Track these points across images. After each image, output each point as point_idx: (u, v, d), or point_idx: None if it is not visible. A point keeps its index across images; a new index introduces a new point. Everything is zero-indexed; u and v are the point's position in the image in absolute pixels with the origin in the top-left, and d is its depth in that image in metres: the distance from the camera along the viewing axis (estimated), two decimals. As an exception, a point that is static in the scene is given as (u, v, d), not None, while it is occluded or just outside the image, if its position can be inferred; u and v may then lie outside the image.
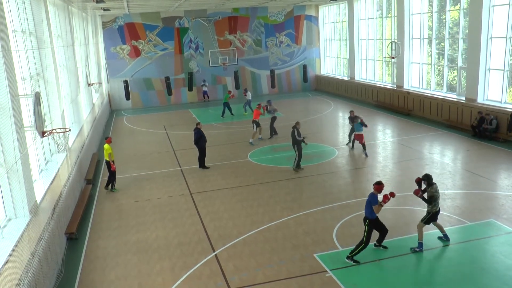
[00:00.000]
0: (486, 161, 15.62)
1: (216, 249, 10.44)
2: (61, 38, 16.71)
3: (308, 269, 9.29)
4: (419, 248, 9.68)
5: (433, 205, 9.61)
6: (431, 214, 9.69)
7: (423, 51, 24.52)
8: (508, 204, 11.86)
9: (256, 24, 34.36)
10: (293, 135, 15.62)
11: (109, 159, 14.61)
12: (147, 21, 32.13)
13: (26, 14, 11.06)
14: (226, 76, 34.03)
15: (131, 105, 32.80)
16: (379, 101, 27.51)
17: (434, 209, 9.63)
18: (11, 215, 8.59)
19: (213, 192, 14.38)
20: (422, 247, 9.68)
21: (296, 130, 15.56)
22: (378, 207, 9.18)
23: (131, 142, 22.22)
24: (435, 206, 9.63)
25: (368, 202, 9.28)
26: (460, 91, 21.88)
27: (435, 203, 9.62)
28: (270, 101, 21.28)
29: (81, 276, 9.79)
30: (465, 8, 21.14)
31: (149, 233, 11.64)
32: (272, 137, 20.66)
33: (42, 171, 11.48)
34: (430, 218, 9.73)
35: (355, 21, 30.65)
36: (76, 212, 12.87)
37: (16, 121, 8.56)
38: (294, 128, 15.62)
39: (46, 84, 12.75)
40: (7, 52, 8.63)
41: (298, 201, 13.02)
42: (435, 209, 9.65)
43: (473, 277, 8.74)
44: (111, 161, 14.62)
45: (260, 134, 20.52)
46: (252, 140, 19.94)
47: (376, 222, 9.42)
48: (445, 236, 9.99)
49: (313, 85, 36.45)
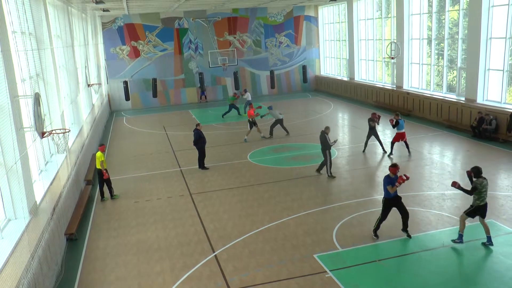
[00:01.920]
0: (485, 162, 15.61)
1: (216, 250, 10.43)
2: (60, 39, 16.70)
3: (308, 270, 9.29)
4: (459, 240, 9.76)
5: (476, 198, 9.55)
6: (474, 208, 9.63)
7: (422, 52, 24.53)
8: (508, 205, 11.86)
9: (256, 25, 34.38)
10: (324, 140, 14.87)
11: (101, 167, 14.05)
12: (147, 22, 32.14)
13: (25, 15, 11.05)
14: (226, 77, 34.04)
15: (130, 106, 32.80)
16: (379, 101, 27.52)
17: (477, 203, 9.56)
18: (11, 216, 8.58)
19: (213, 192, 14.38)
20: (461, 239, 9.76)
21: (327, 136, 14.89)
22: (392, 188, 9.92)
23: (131, 143, 22.22)
24: (479, 199, 9.53)
25: (384, 183, 10.11)
26: (460, 91, 21.88)
27: (478, 197, 9.51)
28: (271, 107, 21.28)
29: (81, 276, 9.78)
30: (464, 8, 21.15)
31: (149, 233, 11.63)
32: (271, 137, 20.68)
33: (41, 171, 11.47)
34: (472, 211, 9.68)
35: (355, 21, 30.66)
36: (76, 213, 12.87)
37: (16, 122, 8.55)
38: (325, 133, 14.91)
39: (46, 84, 12.75)
40: (6, 53, 8.62)
41: (298, 202, 13.01)
42: (478, 203, 9.55)
43: (473, 277, 8.74)
44: (103, 170, 14.06)
45: (260, 132, 20.68)
46: (246, 137, 20.56)
47: (391, 201, 10.15)
48: (488, 240, 9.69)
49: (313, 86, 36.47)
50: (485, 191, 9.56)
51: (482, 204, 9.61)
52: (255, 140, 20.52)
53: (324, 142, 14.96)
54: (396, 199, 10.23)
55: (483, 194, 9.54)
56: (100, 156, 14.13)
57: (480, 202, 9.58)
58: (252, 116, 20.36)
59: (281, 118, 20.84)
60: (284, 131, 21.15)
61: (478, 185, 9.48)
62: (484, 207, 9.66)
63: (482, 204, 9.61)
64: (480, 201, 9.58)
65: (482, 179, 9.54)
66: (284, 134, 21.09)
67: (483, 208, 9.66)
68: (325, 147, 14.92)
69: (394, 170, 10.06)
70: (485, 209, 9.67)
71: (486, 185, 9.57)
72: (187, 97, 33.70)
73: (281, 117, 20.90)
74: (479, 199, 9.56)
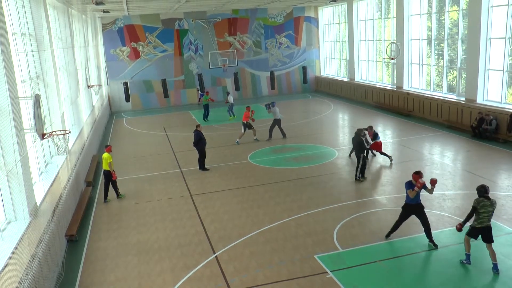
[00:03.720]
0: (486, 162, 15.62)
1: (217, 251, 10.43)
2: (60, 40, 16.72)
3: (309, 270, 9.29)
4: (466, 261, 9.15)
5: (475, 218, 8.76)
6: (471, 228, 8.91)
7: (422, 52, 24.54)
8: (508, 205, 11.86)
9: (256, 26, 34.39)
10: (360, 142, 14.41)
11: (109, 169, 14.07)
12: (147, 23, 32.16)
13: (25, 16, 11.06)
14: (226, 78, 34.05)
15: (131, 107, 32.81)
16: (379, 102, 27.52)
17: (475, 224, 8.78)
18: (11, 218, 8.58)
19: (213, 193, 14.38)
20: (469, 259, 9.13)
21: (365, 139, 14.51)
22: (411, 192, 9.80)
23: (131, 144, 22.22)
24: (477, 220, 8.73)
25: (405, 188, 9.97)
26: (460, 91, 21.89)
27: (477, 217, 8.71)
28: (274, 103, 21.07)
29: (81, 278, 9.79)
30: (464, 9, 21.16)
31: (149, 234, 11.63)
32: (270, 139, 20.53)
33: (42, 173, 11.47)
34: (471, 232, 8.92)
35: (355, 22, 30.67)
36: (76, 214, 12.87)
37: (16, 124, 8.56)
38: (363, 136, 14.45)
39: (46, 86, 12.76)
40: (7, 54, 8.63)
41: (299, 202, 13.01)
42: (475, 224, 8.77)
43: (474, 277, 8.74)
44: (111, 170, 14.11)
45: (255, 135, 20.58)
46: (238, 139, 20.47)
47: (410, 207, 9.98)
48: (494, 267, 8.76)
49: (313, 86, 36.47)
50: (485, 213, 8.64)
51: (480, 227, 8.73)
52: (255, 141, 20.50)
53: (361, 145, 14.42)
54: (418, 207, 9.95)
55: (481, 216, 8.67)
56: (107, 157, 14.08)
57: (477, 224, 8.74)
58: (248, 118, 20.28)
59: (279, 118, 20.61)
60: (280, 133, 20.74)
61: (476, 205, 8.70)
62: (484, 230, 8.75)
63: (479, 226, 8.73)
64: (477, 222, 8.73)
65: (483, 199, 8.65)
66: (281, 136, 20.70)
67: (484, 230, 8.75)
68: (361, 150, 14.41)
69: (415, 177, 9.81)
70: (488, 232, 8.75)
71: (489, 207, 8.62)
72: (187, 98, 33.70)
73: (280, 116, 20.69)
74: (477, 220, 8.73)
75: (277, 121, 20.60)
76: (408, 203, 9.98)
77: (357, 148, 14.59)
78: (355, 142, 14.67)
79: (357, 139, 14.53)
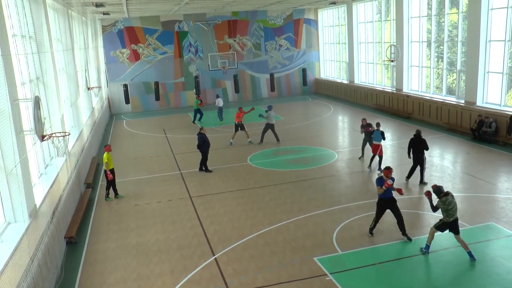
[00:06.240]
0: (485, 164, 15.62)
1: (216, 253, 10.43)
2: (60, 42, 16.74)
3: (308, 273, 9.28)
4: (425, 250, 9.67)
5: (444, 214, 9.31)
6: (442, 223, 9.43)
7: (422, 54, 24.56)
8: (508, 207, 11.85)
9: (256, 28, 34.43)
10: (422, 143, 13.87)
11: (106, 168, 14.27)
12: (147, 25, 32.20)
13: (26, 19, 11.08)
14: (226, 80, 34.08)
15: (130, 109, 32.82)
16: (379, 104, 27.54)
17: (446, 219, 9.32)
18: (11, 219, 8.58)
19: (213, 195, 14.38)
20: (428, 249, 9.67)
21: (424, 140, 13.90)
22: (379, 189, 10.18)
23: (130, 145, 22.22)
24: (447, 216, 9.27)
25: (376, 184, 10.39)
26: (460, 94, 21.91)
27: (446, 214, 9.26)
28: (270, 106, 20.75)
29: (81, 279, 9.78)
30: (463, 11, 21.20)
31: (148, 236, 11.62)
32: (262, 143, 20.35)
33: (41, 175, 11.47)
34: (440, 226, 9.47)
35: (354, 24, 30.71)
36: (76, 216, 12.86)
37: (16, 125, 8.56)
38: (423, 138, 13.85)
39: (46, 88, 12.76)
40: (7, 56, 8.64)
41: (298, 204, 13.01)
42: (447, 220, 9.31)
43: (473, 280, 8.73)
44: (108, 170, 14.23)
45: (248, 137, 20.54)
46: (232, 140, 20.66)
47: (384, 202, 10.32)
48: (469, 255, 9.32)
49: (313, 89, 36.49)
50: (452, 207, 9.22)
51: (451, 220, 9.30)
52: (255, 143, 20.50)
53: (425, 145, 13.88)
54: (390, 201, 10.30)
55: (450, 211, 9.22)
56: (104, 157, 14.29)
57: (449, 218, 9.29)
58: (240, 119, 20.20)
59: (273, 124, 20.23)
60: (274, 138, 20.43)
61: (441, 205, 9.24)
62: (453, 223, 9.33)
63: (450, 220, 9.30)
64: (448, 217, 9.28)
65: (446, 198, 9.22)
66: (275, 141, 20.38)
67: (452, 224, 9.34)
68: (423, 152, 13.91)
69: (386, 172, 10.19)
70: (455, 225, 9.35)
71: (452, 200, 9.26)
72: (187, 100, 33.71)
73: (274, 122, 20.28)
74: (448, 216, 9.26)
75: (270, 126, 20.24)
76: (382, 198, 10.31)
77: (419, 149, 13.87)
78: (416, 143, 13.90)
79: (418, 139, 13.91)
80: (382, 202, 10.38)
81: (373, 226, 10.62)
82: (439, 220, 9.58)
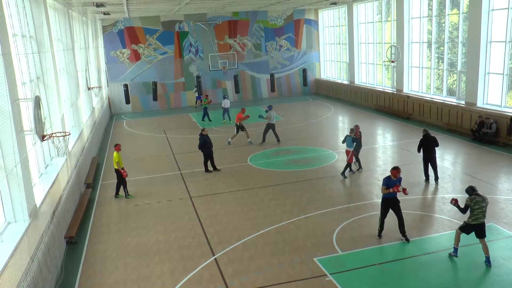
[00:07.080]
0: (486, 165, 15.62)
1: (216, 253, 10.42)
2: (61, 42, 16.74)
3: (308, 273, 9.27)
4: (454, 253, 9.50)
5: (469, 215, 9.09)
6: (466, 224, 9.17)
7: (422, 55, 24.56)
8: (508, 208, 11.85)
9: (256, 28, 34.43)
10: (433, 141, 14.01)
11: (117, 167, 14.35)
12: (147, 25, 32.21)
13: (26, 18, 11.08)
14: (226, 80, 34.07)
15: (131, 109, 32.82)
16: (379, 105, 27.53)
17: (469, 220, 9.07)
18: (11, 219, 8.58)
19: (213, 196, 14.37)
20: (456, 252, 9.47)
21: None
22: (384, 189, 10.19)
23: (131, 146, 22.21)
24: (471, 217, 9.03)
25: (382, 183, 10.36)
26: (460, 95, 21.90)
27: (471, 214, 9.02)
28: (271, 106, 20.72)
29: (81, 280, 9.77)
30: (464, 12, 21.20)
31: (148, 236, 11.62)
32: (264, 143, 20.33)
33: (42, 175, 11.47)
34: (464, 227, 9.22)
35: (355, 25, 30.71)
36: (76, 216, 12.86)
37: (16, 125, 8.56)
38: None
39: (46, 88, 12.77)
40: (7, 56, 8.64)
41: (298, 205, 13.00)
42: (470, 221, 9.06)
43: (474, 281, 8.73)
44: (120, 169, 14.32)
45: (248, 137, 20.55)
46: (230, 140, 20.69)
47: (387, 201, 10.29)
48: (487, 260, 9.07)
49: (313, 89, 36.49)
50: (479, 209, 8.92)
51: (475, 224, 8.99)
52: (256, 143, 20.50)
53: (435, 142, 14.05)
54: (394, 201, 10.30)
55: (475, 212, 8.93)
56: (115, 156, 14.41)
57: (472, 221, 9.01)
58: (241, 120, 20.20)
59: (273, 123, 20.24)
60: (275, 138, 20.42)
61: (468, 202, 8.99)
62: (478, 227, 9.02)
63: (474, 223, 9.00)
64: (472, 219, 9.01)
65: (475, 196, 8.98)
66: (275, 141, 20.38)
67: (477, 227, 9.02)
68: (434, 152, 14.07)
69: (394, 173, 10.22)
70: (481, 229, 9.03)
71: (481, 202, 8.95)
72: (187, 100, 33.71)
73: (274, 122, 20.29)
74: (471, 217, 9.01)
75: (271, 126, 20.24)
76: (386, 197, 10.29)
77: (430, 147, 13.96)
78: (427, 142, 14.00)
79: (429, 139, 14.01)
80: (385, 201, 10.38)
81: (381, 228, 10.54)
82: (463, 222, 9.34)
